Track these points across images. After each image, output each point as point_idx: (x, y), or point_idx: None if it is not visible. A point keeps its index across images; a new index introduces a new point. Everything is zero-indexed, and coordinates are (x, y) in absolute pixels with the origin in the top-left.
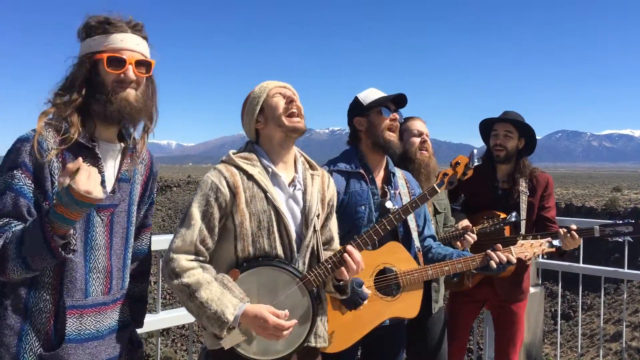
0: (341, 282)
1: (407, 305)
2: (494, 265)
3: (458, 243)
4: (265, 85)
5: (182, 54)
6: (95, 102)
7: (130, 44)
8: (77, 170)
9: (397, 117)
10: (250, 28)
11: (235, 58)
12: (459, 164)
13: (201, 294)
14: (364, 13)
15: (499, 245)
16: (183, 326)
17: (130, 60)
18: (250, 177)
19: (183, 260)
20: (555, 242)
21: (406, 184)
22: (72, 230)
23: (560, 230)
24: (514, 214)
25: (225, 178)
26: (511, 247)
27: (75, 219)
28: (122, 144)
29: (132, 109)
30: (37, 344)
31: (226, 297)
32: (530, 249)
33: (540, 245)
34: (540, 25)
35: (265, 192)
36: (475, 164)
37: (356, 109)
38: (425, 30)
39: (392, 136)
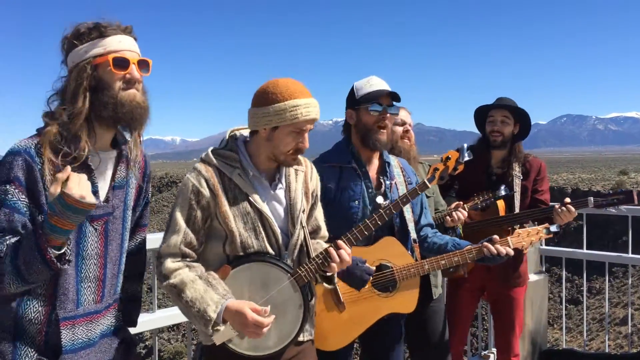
0: (328, 274)
1: (404, 301)
2: (497, 259)
3: (447, 217)
4: (298, 114)
5: (185, 48)
6: (103, 107)
7: (129, 45)
8: (67, 178)
9: (387, 114)
10: (253, 19)
11: (238, 51)
12: (450, 158)
13: (186, 293)
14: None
15: (496, 236)
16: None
17: (132, 60)
18: (230, 179)
19: (169, 263)
20: (553, 228)
21: (402, 172)
22: (67, 240)
23: (556, 205)
24: (502, 187)
25: (205, 179)
26: (508, 237)
27: (70, 228)
28: (116, 151)
29: (142, 109)
30: (32, 352)
31: (208, 294)
32: (527, 238)
33: (537, 233)
34: (543, 8)
35: (246, 195)
36: (466, 158)
37: (350, 100)
38: (428, 15)
39: (382, 134)
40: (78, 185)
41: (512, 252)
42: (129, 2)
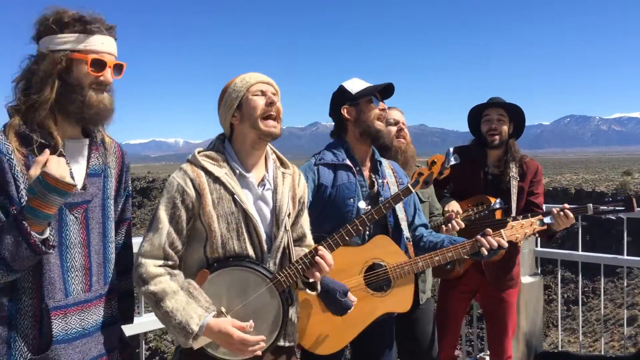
0: (311, 280)
1: (399, 300)
2: (485, 252)
3: (443, 226)
4: (247, 79)
5: (188, 50)
6: (69, 102)
7: (109, 47)
8: (46, 162)
9: (386, 107)
10: (254, 22)
11: (240, 52)
12: (435, 163)
13: (167, 303)
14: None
15: (489, 230)
16: None
17: (110, 63)
18: (216, 179)
19: (151, 267)
20: (547, 220)
21: (393, 173)
22: (48, 225)
23: (554, 209)
24: (498, 200)
25: (191, 179)
26: (501, 230)
27: (51, 212)
28: (88, 139)
29: (108, 112)
30: (25, 350)
31: (191, 306)
32: (520, 229)
33: (531, 225)
34: (546, 8)
35: (232, 194)
36: (452, 162)
37: (344, 98)
38: (430, 15)
39: (382, 125)
40: (57, 166)
41: (505, 244)
42: (131, 0)
